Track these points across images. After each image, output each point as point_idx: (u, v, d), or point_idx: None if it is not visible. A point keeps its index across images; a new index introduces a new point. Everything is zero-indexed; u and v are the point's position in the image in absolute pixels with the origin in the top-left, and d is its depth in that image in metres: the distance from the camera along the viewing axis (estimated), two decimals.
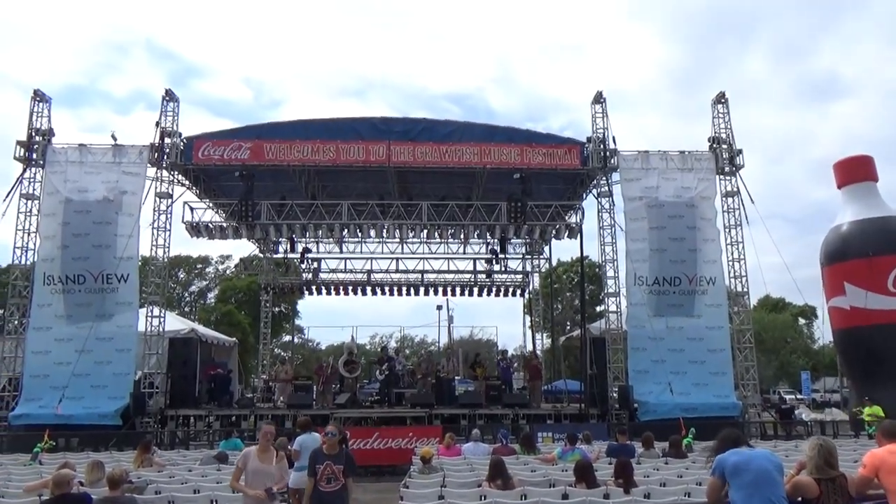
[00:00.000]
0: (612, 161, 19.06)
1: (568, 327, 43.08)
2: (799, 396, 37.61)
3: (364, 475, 15.06)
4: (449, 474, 8.80)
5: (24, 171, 18.40)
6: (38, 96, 18.86)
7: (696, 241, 18.35)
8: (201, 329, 23.19)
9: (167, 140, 18.91)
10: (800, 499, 4.76)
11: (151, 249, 18.90)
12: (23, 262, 18.28)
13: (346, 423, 16.93)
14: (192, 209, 19.48)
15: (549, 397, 22.46)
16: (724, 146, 19.36)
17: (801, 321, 52.09)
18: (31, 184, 18.46)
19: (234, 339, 26.70)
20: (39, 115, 18.81)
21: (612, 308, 19.21)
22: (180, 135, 19.13)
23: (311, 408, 18.00)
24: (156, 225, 18.90)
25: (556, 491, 7.41)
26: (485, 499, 6.94)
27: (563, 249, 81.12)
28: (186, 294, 52.00)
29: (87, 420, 16.07)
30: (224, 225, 19.53)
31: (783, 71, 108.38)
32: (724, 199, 19.32)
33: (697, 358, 17.60)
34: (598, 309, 35.03)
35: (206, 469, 9.65)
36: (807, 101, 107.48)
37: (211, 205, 20.82)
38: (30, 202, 18.40)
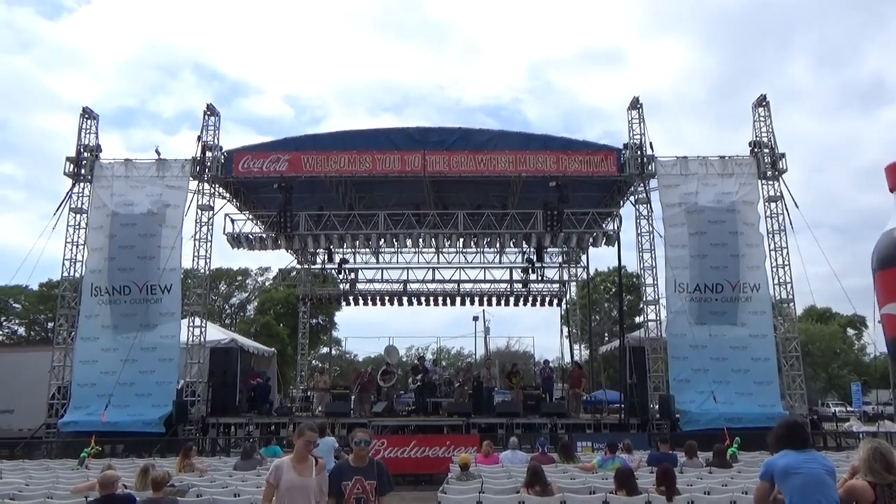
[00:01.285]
0: (650, 167, 18.80)
1: (606, 338, 42.46)
2: (849, 409, 36.31)
3: (401, 483, 15.02)
4: (487, 481, 8.72)
5: (73, 185, 19.10)
6: (87, 114, 19.56)
7: (739, 247, 17.91)
8: (241, 339, 23.56)
9: (208, 154, 19.37)
10: None
11: (193, 260, 19.37)
12: (71, 274, 18.93)
13: (384, 431, 16.97)
14: (232, 221, 19.94)
15: (589, 408, 22.07)
16: (766, 150, 18.91)
17: (850, 332, 50.38)
18: (80, 198, 19.15)
19: (273, 349, 27.03)
20: (88, 131, 19.51)
21: (652, 316, 18.88)
22: (221, 148, 19.58)
23: (349, 416, 18.10)
24: (198, 236, 19.36)
25: (596, 498, 7.29)
26: None
27: (599, 259, 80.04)
28: (227, 306, 52.94)
29: (132, 427, 16.45)
30: (263, 236, 19.87)
31: (826, 77, 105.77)
32: (766, 204, 18.83)
33: (741, 367, 17.12)
34: (637, 319, 34.43)
35: (247, 475, 9.76)
36: (851, 108, 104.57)
37: (251, 216, 21.19)
38: (78, 216, 19.06)
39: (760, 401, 16.62)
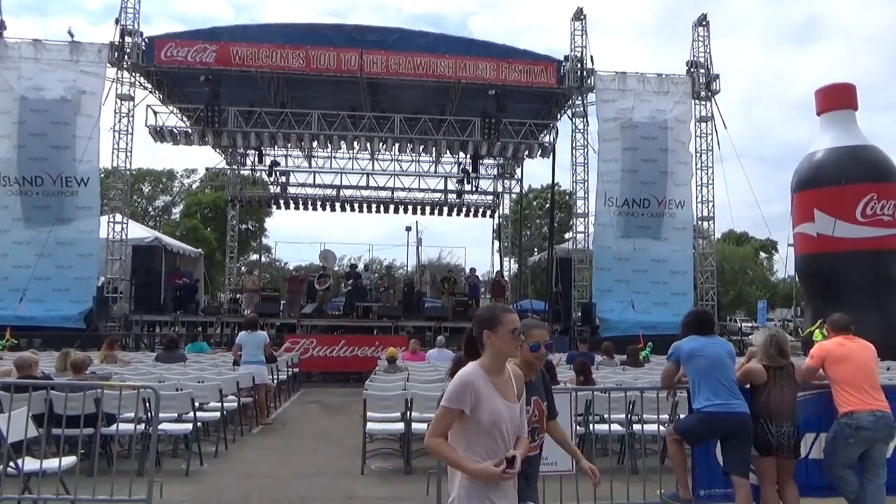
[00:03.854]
0: (589, 81, 18.79)
1: (535, 252, 43.58)
2: (755, 324, 39.11)
3: (329, 381, 15.39)
4: (413, 374, 9.00)
5: None
6: None
7: (668, 164, 18.44)
8: (166, 238, 22.83)
9: (128, 39, 18.01)
10: (748, 385, 4.97)
11: (113, 153, 18.34)
12: None
13: (313, 331, 17.12)
14: (155, 113, 18.87)
15: None
16: (702, 70, 19.21)
17: (763, 255, 53.55)
18: None
19: (200, 250, 26.38)
20: None
21: (581, 229, 19.42)
22: (141, 34, 18.23)
23: (279, 317, 18.14)
24: (117, 128, 18.27)
25: None
26: None
27: (533, 177, 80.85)
28: (151, 208, 50.91)
29: (49, 322, 15.95)
30: (189, 130, 18.95)
31: (764, 11, 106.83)
32: (697, 123, 19.32)
33: (660, 279, 18.02)
34: (567, 235, 35.37)
35: (172, 365, 9.69)
36: (787, 42, 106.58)
37: (175, 110, 20.09)
38: None
39: (675, 311, 17.48)
